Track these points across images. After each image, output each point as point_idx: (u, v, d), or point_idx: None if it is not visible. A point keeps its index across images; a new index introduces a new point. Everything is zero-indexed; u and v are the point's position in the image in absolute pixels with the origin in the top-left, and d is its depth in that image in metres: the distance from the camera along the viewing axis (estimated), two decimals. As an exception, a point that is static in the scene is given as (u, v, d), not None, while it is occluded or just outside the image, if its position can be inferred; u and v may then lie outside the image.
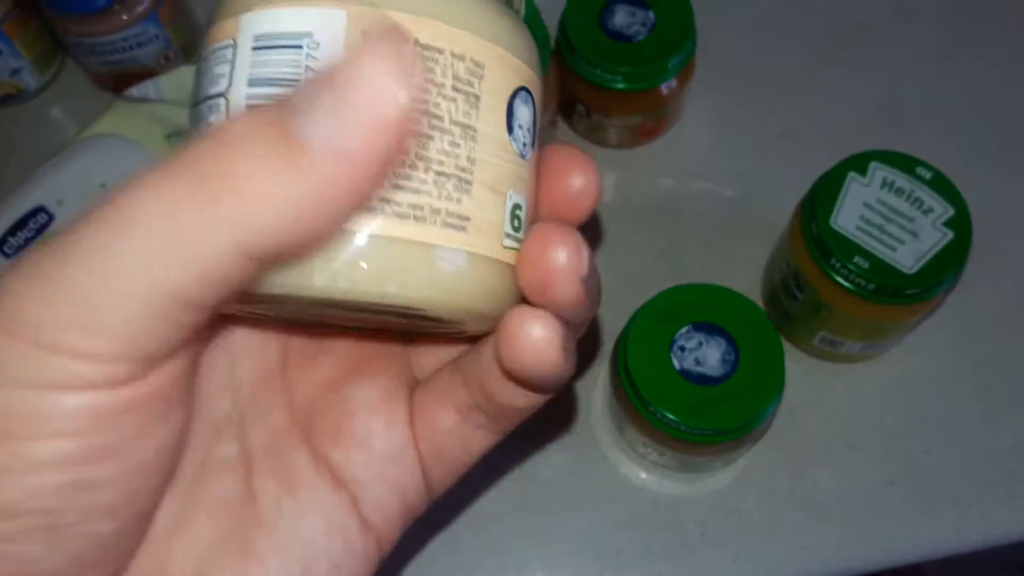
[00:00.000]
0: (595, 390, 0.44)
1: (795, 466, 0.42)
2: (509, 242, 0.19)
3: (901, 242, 0.37)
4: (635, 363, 0.36)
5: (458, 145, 0.18)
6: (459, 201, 0.18)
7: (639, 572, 0.40)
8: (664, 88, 0.45)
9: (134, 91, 0.44)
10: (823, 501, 0.41)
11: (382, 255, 0.17)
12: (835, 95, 0.51)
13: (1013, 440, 0.42)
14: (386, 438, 0.22)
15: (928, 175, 0.38)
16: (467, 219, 0.18)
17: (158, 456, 0.18)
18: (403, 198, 0.17)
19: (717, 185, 0.49)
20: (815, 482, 0.41)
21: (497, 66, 0.18)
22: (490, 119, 0.18)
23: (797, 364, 0.43)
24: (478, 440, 0.23)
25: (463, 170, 0.18)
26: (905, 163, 0.39)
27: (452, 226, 0.18)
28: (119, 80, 0.50)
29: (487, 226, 0.18)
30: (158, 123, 0.42)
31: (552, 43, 0.44)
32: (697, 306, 0.37)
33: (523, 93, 0.19)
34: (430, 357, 0.24)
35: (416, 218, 0.18)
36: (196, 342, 0.18)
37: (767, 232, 0.46)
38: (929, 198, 0.38)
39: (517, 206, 0.19)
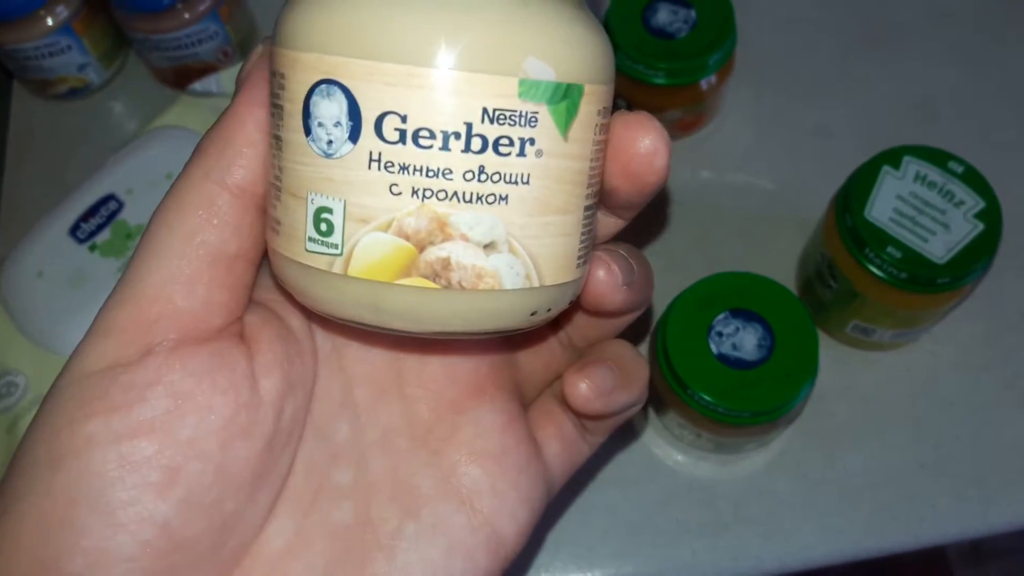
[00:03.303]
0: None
1: (826, 450, 0.43)
2: (315, 247, 0.19)
3: (933, 233, 0.38)
4: (674, 347, 0.38)
5: (275, 156, 0.19)
6: (275, 207, 0.20)
7: (674, 548, 0.41)
8: (704, 84, 0.46)
9: (197, 86, 0.46)
10: (853, 484, 0.42)
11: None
12: (868, 93, 0.52)
13: (1041, 427, 0.43)
14: (517, 452, 0.24)
15: (960, 169, 0.40)
16: (279, 223, 0.20)
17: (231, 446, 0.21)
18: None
19: (753, 178, 0.50)
20: (845, 465, 0.43)
21: (293, 71, 0.18)
22: (291, 125, 0.19)
23: (829, 351, 0.45)
24: (595, 432, 0.26)
25: (277, 179, 0.19)
26: (938, 157, 0.40)
27: (273, 230, 0.20)
28: (179, 75, 0.52)
29: (291, 231, 0.19)
30: (220, 116, 0.44)
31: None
32: (734, 293, 0.39)
33: (324, 87, 0.18)
34: (533, 365, 0.27)
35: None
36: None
37: (801, 224, 0.47)
38: (960, 191, 0.39)
39: (324, 209, 0.18)
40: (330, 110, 0.18)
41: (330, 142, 0.18)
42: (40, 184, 0.53)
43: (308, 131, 0.18)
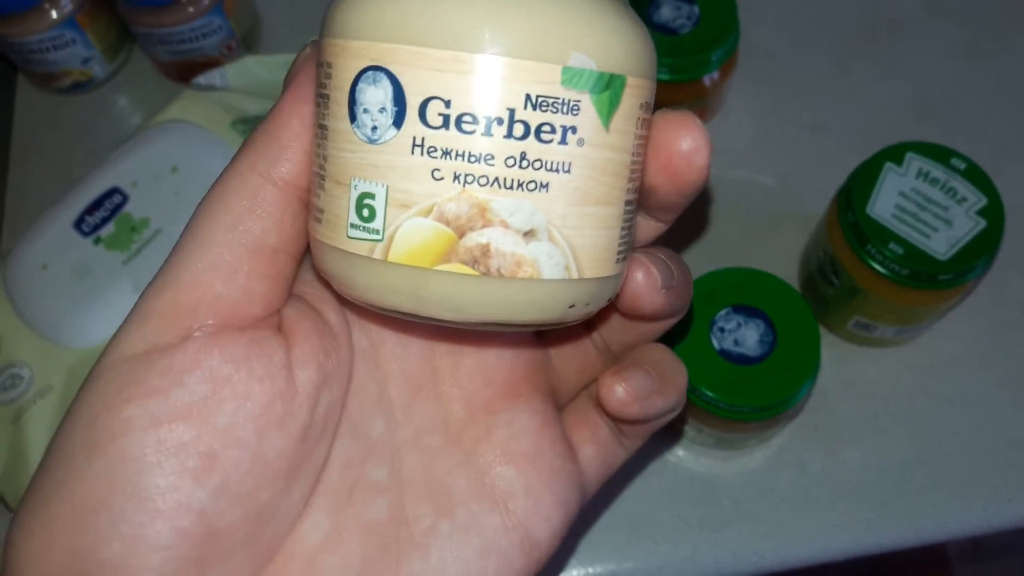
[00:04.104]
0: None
1: (827, 446, 0.43)
2: (357, 232, 0.19)
3: (935, 229, 0.39)
4: (676, 343, 0.38)
5: (319, 146, 0.20)
6: (318, 197, 0.20)
7: (675, 543, 0.42)
8: (707, 80, 0.46)
9: (201, 80, 0.46)
10: (854, 480, 0.43)
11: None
12: (869, 90, 0.52)
13: (1041, 424, 0.43)
14: (552, 455, 0.24)
15: (962, 165, 0.40)
16: (322, 211, 0.20)
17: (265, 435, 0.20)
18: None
19: (755, 174, 0.50)
20: (846, 461, 0.43)
21: (341, 59, 0.19)
22: (336, 113, 0.19)
23: (831, 348, 0.45)
24: (632, 437, 0.26)
25: (321, 168, 0.20)
26: (940, 154, 0.40)
27: (315, 219, 0.20)
28: (183, 69, 0.52)
29: (334, 218, 0.19)
30: (224, 110, 0.44)
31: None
32: (736, 289, 0.39)
33: (370, 74, 0.18)
34: (568, 368, 0.27)
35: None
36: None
37: (803, 220, 0.47)
38: (963, 187, 0.39)
39: (367, 195, 0.19)
40: (376, 96, 0.18)
41: (374, 128, 0.18)
42: (44, 177, 0.53)
43: (353, 118, 0.18)
